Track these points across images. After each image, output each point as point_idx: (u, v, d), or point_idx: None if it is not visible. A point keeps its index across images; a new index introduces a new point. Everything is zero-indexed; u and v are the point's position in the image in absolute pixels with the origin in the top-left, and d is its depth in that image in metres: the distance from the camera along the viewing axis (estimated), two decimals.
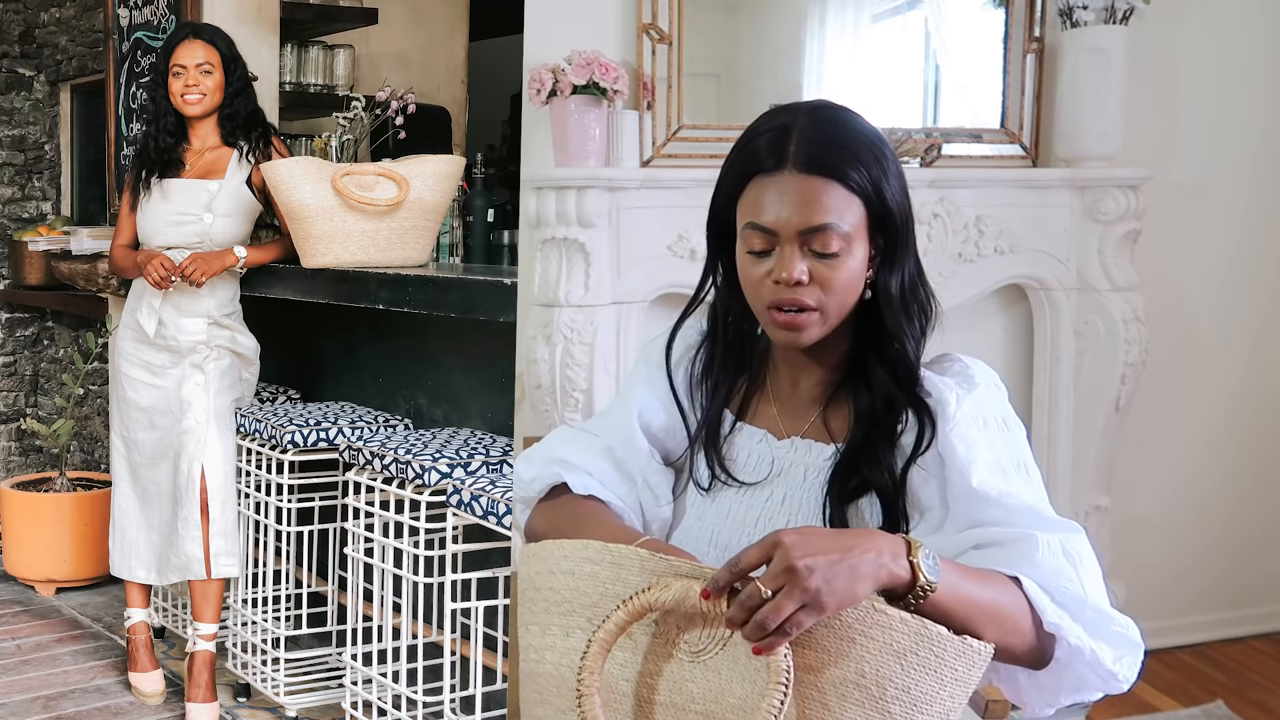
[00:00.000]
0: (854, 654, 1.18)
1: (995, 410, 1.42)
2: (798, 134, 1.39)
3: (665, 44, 3.00)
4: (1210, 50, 3.37)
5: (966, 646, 1.19)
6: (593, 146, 2.87)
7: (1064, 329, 3.28)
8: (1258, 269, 3.50)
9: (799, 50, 3.31)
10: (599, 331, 2.86)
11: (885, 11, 3.46)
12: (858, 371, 1.46)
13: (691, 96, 3.03)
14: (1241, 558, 3.53)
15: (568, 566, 1.31)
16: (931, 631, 1.17)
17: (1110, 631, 1.30)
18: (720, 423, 1.53)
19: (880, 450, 1.42)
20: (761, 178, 1.40)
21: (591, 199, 2.85)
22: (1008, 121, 3.30)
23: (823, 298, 1.39)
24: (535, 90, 2.86)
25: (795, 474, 1.48)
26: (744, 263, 1.43)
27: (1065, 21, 3.22)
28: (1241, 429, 3.54)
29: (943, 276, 3.17)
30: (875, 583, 1.18)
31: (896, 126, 3.14)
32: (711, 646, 1.24)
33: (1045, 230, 3.24)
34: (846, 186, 1.38)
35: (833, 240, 1.37)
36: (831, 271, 1.38)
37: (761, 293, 1.41)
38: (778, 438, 1.51)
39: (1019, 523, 1.34)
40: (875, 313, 1.44)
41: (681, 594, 1.22)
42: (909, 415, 1.42)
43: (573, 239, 2.85)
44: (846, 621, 1.18)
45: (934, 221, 3.14)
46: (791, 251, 1.38)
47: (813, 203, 1.37)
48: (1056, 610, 1.27)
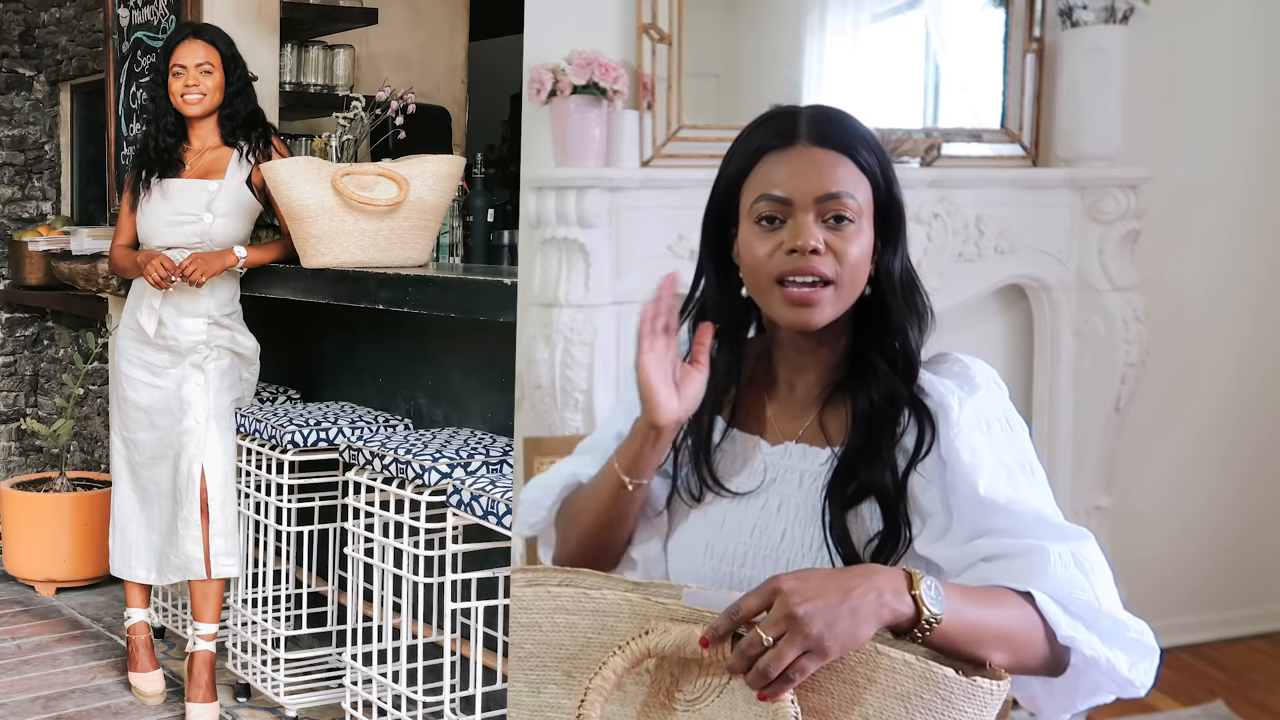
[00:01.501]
0: (859, 698, 1.15)
1: (998, 411, 1.40)
2: (806, 117, 1.41)
3: (665, 44, 3.00)
4: (1210, 50, 3.37)
5: (976, 688, 1.14)
6: (593, 146, 2.87)
7: (1064, 329, 3.28)
8: (1258, 269, 3.50)
9: (799, 50, 3.31)
10: (599, 332, 2.86)
11: (885, 11, 3.46)
12: (857, 371, 1.43)
13: (691, 96, 3.03)
14: (1241, 557, 3.53)
15: (528, 620, 1.25)
16: (937, 674, 1.14)
17: (1125, 639, 1.28)
18: (711, 431, 1.50)
19: (881, 452, 1.39)
20: (772, 154, 1.40)
21: (591, 199, 2.85)
22: (1008, 121, 3.30)
23: (839, 269, 1.36)
24: (535, 90, 2.86)
25: (790, 480, 1.45)
26: (750, 240, 1.40)
27: (1065, 21, 3.22)
28: (1242, 429, 3.54)
29: (943, 276, 3.17)
30: (878, 622, 1.16)
31: (896, 126, 3.14)
32: (707, 695, 1.21)
33: (1045, 230, 3.24)
34: (857, 164, 1.39)
35: (847, 207, 1.37)
36: (846, 242, 1.37)
37: (771, 268, 1.38)
38: (772, 443, 1.48)
39: (1028, 531, 1.32)
40: (876, 308, 1.42)
41: (682, 639, 1.18)
42: (909, 416, 1.39)
43: (573, 239, 2.85)
44: (850, 665, 1.15)
45: (934, 221, 3.14)
46: (807, 219, 1.36)
47: (827, 171, 1.38)
48: (1070, 623, 1.26)
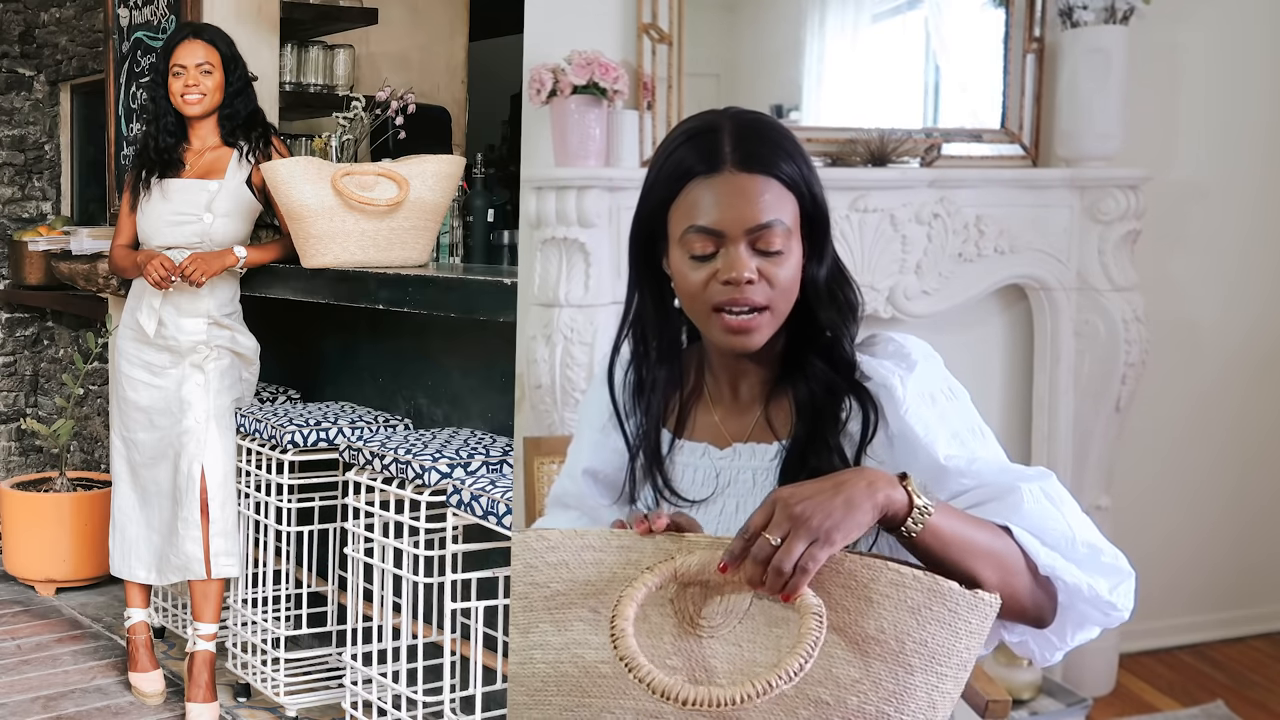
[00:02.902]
0: (872, 612, 1.22)
1: (940, 383, 1.44)
2: (729, 135, 1.40)
3: (665, 44, 3.00)
4: (1210, 50, 3.37)
5: (978, 600, 1.23)
6: (593, 146, 2.88)
7: (1064, 329, 3.28)
8: (1258, 269, 3.50)
9: (799, 50, 3.31)
10: (599, 331, 2.86)
11: (885, 11, 3.46)
12: (795, 366, 1.46)
13: (691, 96, 3.03)
14: (1242, 558, 3.53)
15: (557, 559, 1.30)
16: (943, 587, 1.22)
17: (1102, 564, 1.34)
18: (659, 445, 1.52)
19: (827, 439, 1.42)
20: (699, 180, 1.40)
21: (591, 199, 2.85)
22: (1008, 121, 3.30)
23: (772, 295, 1.39)
24: (535, 90, 2.86)
25: (744, 481, 1.48)
26: (683, 268, 1.41)
27: (1065, 21, 3.22)
28: (1242, 428, 3.54)
29: (943, 276, 3.17)
30: (874, 508, 1.23)
31: (896, 126, 3.14)
32: (729, 620, 1.25)
33: (1045, 230, 3.24)
34: (782, 183, 1.40)
35: (776, 237, 1.38)
36: (777, 268, 1.39)
37: (706, 297, 1.40)
38: (720, 447, 1.50)
39: (995, 481, 1.37)
40: (805, 308, 1.44)
41: (707, 560, 1.24)
42: (852, 402, 1.42)
43: (573, 239, 2.85)
44: (863, 581, 1.22)
45: (934, 221, 3.14)
46: (739, 250, 1.38)
47: (755, 200, 1.38)
48: (1049, 553, 1.31)
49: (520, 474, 2.31)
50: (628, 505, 1.56)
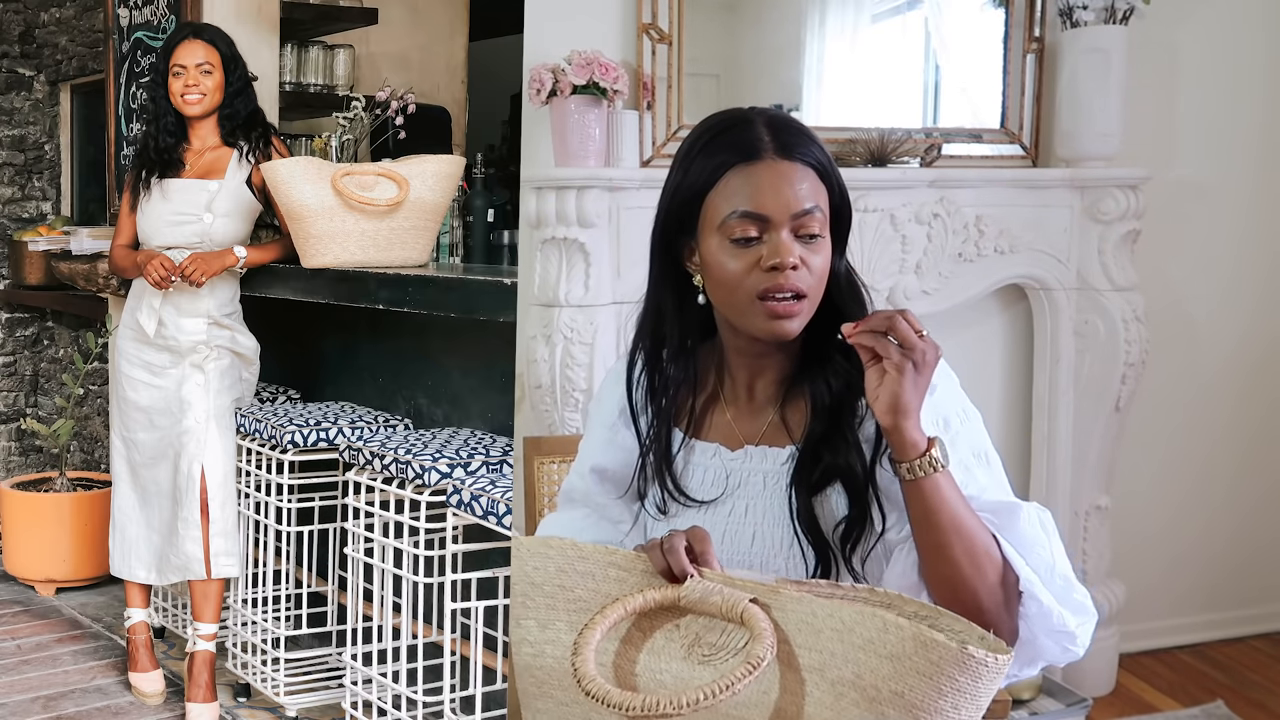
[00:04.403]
0: (852, 656, 1.19)
1: (954, 406, 1.44)
2: (763, 126, 1.42)
3: (665, 44, 3.00)
4: (1210, 50, 3.38)
5: (967, 656, 1.15)
6: (593, 146, 2.87)
7: (1064, 329, 3.28)
8: (1258, 268, 3.50)
9: (799, 50, 3.31)
10: (599, 331, 2.86)
11: (885, 11, 3.46)
12: (815, 364, 1.46)
13: (691, 96, 3.03)
14: (1241, 558, 3.53)
15: (586, 569, 1.32)
16: (926, 637, 1.16)
17: (1073, 599, 1.35)
18: (670, 444, 1.52)
19: (845, 435, 1.43)
20: (739, 168, 1.41)
21: (591, 199, 2.85)
22: (1008, 121, 3.30)
23: (811, 282, 1.40)
24: (535, 90, 2.86)
25: (754, 483, 1.48)
26: (722, 257, 1.41)
27: (1065, 21, 3.22)
28: (1242, 428, 3.54)
29: (943, 276, 3.17)
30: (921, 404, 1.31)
31: (896, 126, 3.14)
32: (721, 653, 1.25)
33: (1045, 230, 3.24)
34: (816, 172, 1.42)
35: (816, 223, 1.40)
36: (815, 255, 1.40)
37: (750, 285, 1.40)
38: (732, 448, 1.50)
39: (996, 503, 1.39)
40: (826, 305, 1.44)
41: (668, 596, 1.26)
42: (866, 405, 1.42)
43: (573, 239, 2.85)
44: (847, 624, 1.19)
45: (934, 221, 3.14)
46: (784, 235, 1.39)
47: (797, 186, 1.40)
48: (1030, 572, 1.33)
49: (520, 474, 2.31)
50: (635, 501, 1.57)
